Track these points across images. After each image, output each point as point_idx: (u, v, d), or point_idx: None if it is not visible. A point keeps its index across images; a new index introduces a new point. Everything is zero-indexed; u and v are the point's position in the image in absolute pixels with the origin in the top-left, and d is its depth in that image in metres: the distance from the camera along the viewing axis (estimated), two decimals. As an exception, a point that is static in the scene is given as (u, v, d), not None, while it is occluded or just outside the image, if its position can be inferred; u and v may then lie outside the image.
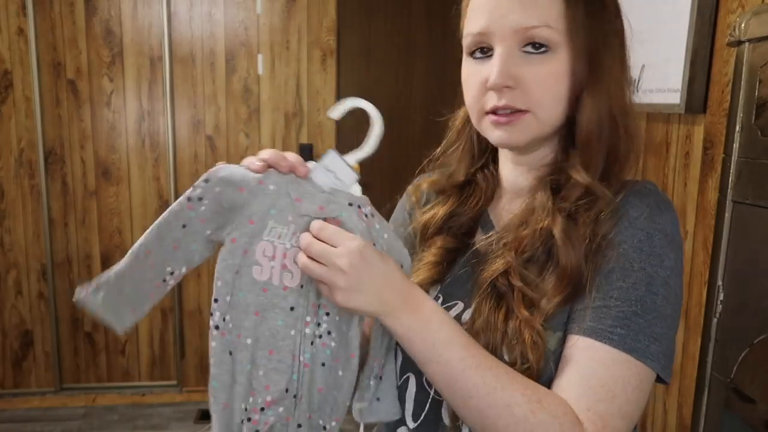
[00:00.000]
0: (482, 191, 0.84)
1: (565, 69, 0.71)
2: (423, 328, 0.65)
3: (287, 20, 3.08)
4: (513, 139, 0.74)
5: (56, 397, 3.13)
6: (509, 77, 0.70)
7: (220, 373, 0.67)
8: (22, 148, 2.98)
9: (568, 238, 0.69)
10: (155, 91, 3.05)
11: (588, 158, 0.72)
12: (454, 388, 0.65)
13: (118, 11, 2.97)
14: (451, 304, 0.78)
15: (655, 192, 0.73)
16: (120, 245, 3.13)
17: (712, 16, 1.58)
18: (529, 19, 0.69)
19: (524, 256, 0.72)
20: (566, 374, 0.66)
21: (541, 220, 0.72)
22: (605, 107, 0.72)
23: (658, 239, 0.69)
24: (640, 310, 0.66)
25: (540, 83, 0.71)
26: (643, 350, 0.66)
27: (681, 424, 1.74)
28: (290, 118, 3.15)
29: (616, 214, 0.70)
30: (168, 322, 3.23)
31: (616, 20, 0.74)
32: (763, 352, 1.12)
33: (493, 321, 0.70)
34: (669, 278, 0.68)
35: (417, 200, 0.90)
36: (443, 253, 0.81)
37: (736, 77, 1.21)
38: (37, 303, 3.10)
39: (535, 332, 0.67)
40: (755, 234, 1.16)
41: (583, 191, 0.71)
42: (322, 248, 0.64)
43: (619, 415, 0.64)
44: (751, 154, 1.16)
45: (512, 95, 0.71)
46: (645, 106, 1.83)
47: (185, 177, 3.10)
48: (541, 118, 0.72)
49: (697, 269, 1.67)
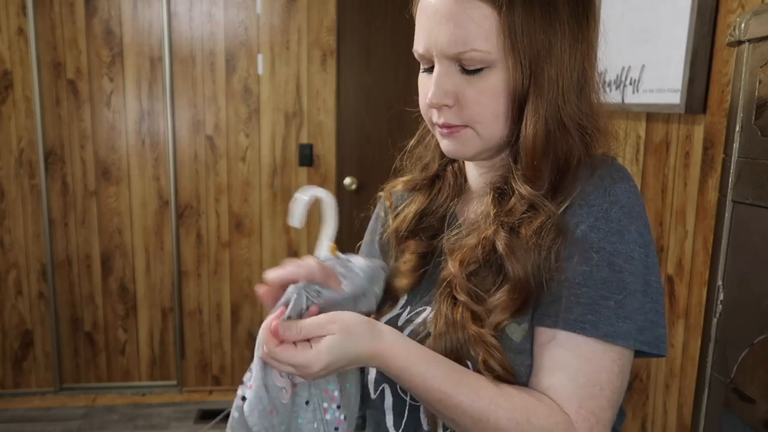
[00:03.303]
0: (450, 186, 0.84)
1: (501, 85, 0.69)
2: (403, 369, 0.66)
3: (287, 20, 3.08)
4: (459, 151, 0.75)
5: (56, 397, 3.13)
6: (445, 96, 0.70)
7: None
8: (22, 148, 2.98)
9: (512, 252, 0.68)
10: (155, 91, 3.05)
11: (532, 171, 0.70)
12: (443, 417, 0.68)
13: (118, 11, 2.97)
14: (420, 310, 0.78)
15: (609, 163, 0.72)
16: (120, 245, 3.14)
17: (712, 16, 1.58)
18: (456, 45, 0.68)
19: (469, 269, 0.71)
20: (554, 374, 0.67)
21: (484, 230, 0.72)
22: (553, 118, 0.70)
23: (614, 213, 0.68)
24: (607, 292, 0.66)
25: (476, 101, 0.70)
26: (616, 333, 0.66)
27: (681, 424, 1.73)
28: (290, 118, 3.15)
29: (562, 223, 0.68)
30: (168, 322, 3.23)
31: (570, 20, 0.70)
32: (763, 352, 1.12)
33: (451, 320, 0.70)
34: (633, 252, 0.67)
35: (391, 204, 0.89)
36: (416, 259, 0.81)
37: (736, 77, 1.21)
38: (37, 303, 3.10)
39: (489, 345, 0.67)
40: (755, 234, 1.16)
41: (526, 206, 0.70)
42: (288, 357, 0.64)
43: (608, 406, 0.66)
44: (751, 154, 1.16)
45: (450, 113, 0.71)
46: (645, 106, 1.83)
47: (185, 177, 3.10)
48: (481, 133, 0.72)
49: (697, 269, 1.67)
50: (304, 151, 3.17)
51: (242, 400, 0.64)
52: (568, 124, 0.70)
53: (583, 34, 0.71)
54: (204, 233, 3.16)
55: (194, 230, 3.17)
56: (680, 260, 1.74)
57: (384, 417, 0.78)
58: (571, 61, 0.70)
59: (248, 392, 0.65)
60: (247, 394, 0.65)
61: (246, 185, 3.13)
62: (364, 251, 0.93)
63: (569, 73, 0.70)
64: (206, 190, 3.13)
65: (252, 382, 0.65)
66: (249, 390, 0.65)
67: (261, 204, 3.15)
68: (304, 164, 3.18)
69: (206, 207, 3.15)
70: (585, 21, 0.71)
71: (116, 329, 3.20)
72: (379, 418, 0.79)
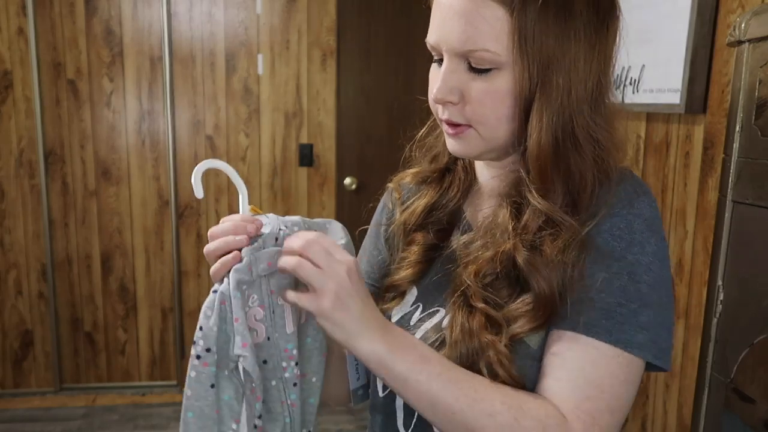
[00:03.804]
0: (461, 181, 0.83)
1: (508, 88, 0.68)
2: (399, 349, 0.65)
3: (287, 20, 3.08)
4: (462, 151, 0.74)
5: (56, 397, 3.13)
6: (450, 92, 0.70)
7: (200, 406, 0.65)
8: (22, 148, 2.98)
9: (536, 270, 0.66)
10: (155, 91, 3.05)
11: (544, 183, 0.68)
12: (436, 408, 0.64)
13: (118, 11, 2.97)
14: (432, 311, 0.77)
15: (630, 177, 0.71)
16: (120, 245, 3.13)
17: (712, 16, 1.58)
18: (467, 43, 0.67)
19: (485, 281, 0.70)
20: (553, 373, 0.66)
21: (503, 243, 0.70)
22: (562, 128, 0.68)
23: (638, 225, 0.67)
24: (624, 300, 0.65)
25: (480, 101, 0.69)
26: (629, 341, 0.65)
27: (681, 424, 1.74)
28: (290, 118, 3.15)
29: (588, 240, 0.67)
30: (168, 322, 3.23)
31: (587, 28, 0.67)
32: (763, 352, 1.12)
33: (467, 329, 0.69)
34: (652, 264, 0.67)
35: (399, 197, 0.88)
36: (423, 251, 0.81)
37: (736, 77, 1.21)
38: (37, 303, 3.10)
39: (500, 353, 0.66)
40: (755, 234, 1.16)
41: (544, 219, 0.68)
42: (322, 251, 0.64)
43: (608, 410, 0.64)
44: (751, 154, 1.16)
45: (454, 110, 0.71)
46: (645, 106, 1.83)
47: (185, 177, 3.10)
48: (484, 135, 0.71)
49: (697, 269, 1.67)
50: (304, 151, 3.17)
51: (197, 359, 0.64)
52: (580, 135, 0.68)
53: (601, 45, 0.69)
54: (204, 233, 3.16)
55: (194, 230, 3.17)
56: (680, 260, 1.74)
57: (395, 416, 0.78)
58: (585, 71, 0.68)
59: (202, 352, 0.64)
60: (200, 352, 0.64)
61: (246, 185, 3.12)
62: (368, 243, 0.92)
63: (583, 83, 0.68)
64: (206, 190, 3.13)
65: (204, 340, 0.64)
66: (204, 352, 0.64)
67: (261, 204, 3.15)
68: (304, 164, 3.18)
69: (206, 207, 3.15)
70: (604, 31, 0.69)
71: (116, 329, 3.20)
72: (390, 418, 0.79)
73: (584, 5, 0.67)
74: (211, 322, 0.63)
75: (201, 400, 0.64)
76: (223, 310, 0.64)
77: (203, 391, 0.64)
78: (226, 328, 0.64)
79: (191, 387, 0.64)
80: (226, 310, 0.64)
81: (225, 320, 0.64)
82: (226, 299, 0.64)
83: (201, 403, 0.64)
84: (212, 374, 0.64)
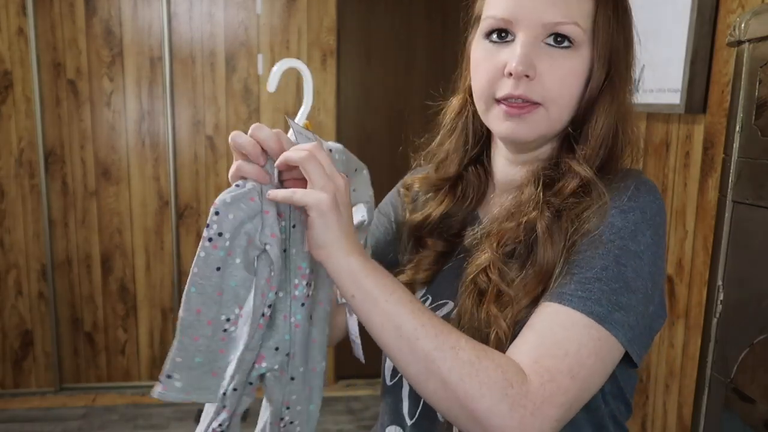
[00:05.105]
0: (474, 190, 0.82)
1: (584, 68, 0.70)
2: (373, 270, 0.64)
3: (287, 20, 3.08)
4: (521, 133, 0.72)
5: (56, 397, 3.13)
6: (530, 66, 0.68)
7: (203, 284, 0.65)
8: (22, 148, 2.98)
9: (549, 235, 0.67)
10: (155, 91, 3.05)
11: (591, 158, 0.72)
12: (401, 332, 0.62)
13: (118, 11, 2.97)
14: (441, 303, 0.77)
15: (637, 175, 0.72)
16: (120, 245, 3.13)
17: (712, 16, 1.59)
18: (559, 15, 0.68)
19: (506, 249, 0.70)
20: (523, 336, 0.64)
21: (528, 212, 0.70)
22: (614, 111, 0.72)
23: (633, 215, 0.67)
24: (604, 277, 0.64)
25: (559, 78, 0.70)
26: (605, 315, 0.63)
27: (681, 424, 1.74)
28: (290, 118, 3.15)
29: (602, 210, 0.68)
30: (168, 322, 3.23)
31: (632, 27, 0.75)
32: (763, 352, 1.12)
33: (476, 318, 0.69)
34: (642, 253, 0.66)
35: (410, 200, 0.89)
36: (435, 256, 0.81)
37: (736, 77, 1.21)
38: (37, 303, 3.10)
39: (501, 330, 0.66)
40: (755, 234, 1.16)
41: (577, 185, 0.70)
42: (327, 158, 0.64)
43: (569, 373, 0.61)
44: (751, 154, 1.17)
45: (529, 86, 0.69)
46: (645, 106, 1.83)
47: (185, 177, 3.10)
48: (552, 115, 0.71)
49: (697, 269, 1.68)
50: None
51: (208, 241, 0.64)
52: (619, 121, 0.73)
53: (634, 42, 0.76)
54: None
55: (194, 230, 3.17)
56: (680, 260, 1.74)
57: (401, 404, 0.78)
58: (633, 65, 0.75)
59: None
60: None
61: (246, 185, 3.13)
62: (374, 231, 0.91)
63: (629, 73, 0.75)
64: (206, 190, 3.13)
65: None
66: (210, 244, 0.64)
67: (261, 204, 3.15)
68: (304, 164, 3.18)
69: (206, 207, 3.15)
70: (634, 30, 0.75)
71: (116, 329, 3.20)
72: (396, 405, 0.79)
73: (630, 5, 0.74)
74: (230, 209, 0.63)
75: (205, 279, 0.64)
76: (248, 203, 0.64)
77: (209, 272, 0.64)
78: (244, 218, 0.64)
79: (198, 265, 0.64)
80: (251, 203, 0.64)
81: (248, 210, 0.64)
82: (255, 195, 0.65)
83: (205, 282, 0.65)
84: (220, 258, 0.64)
